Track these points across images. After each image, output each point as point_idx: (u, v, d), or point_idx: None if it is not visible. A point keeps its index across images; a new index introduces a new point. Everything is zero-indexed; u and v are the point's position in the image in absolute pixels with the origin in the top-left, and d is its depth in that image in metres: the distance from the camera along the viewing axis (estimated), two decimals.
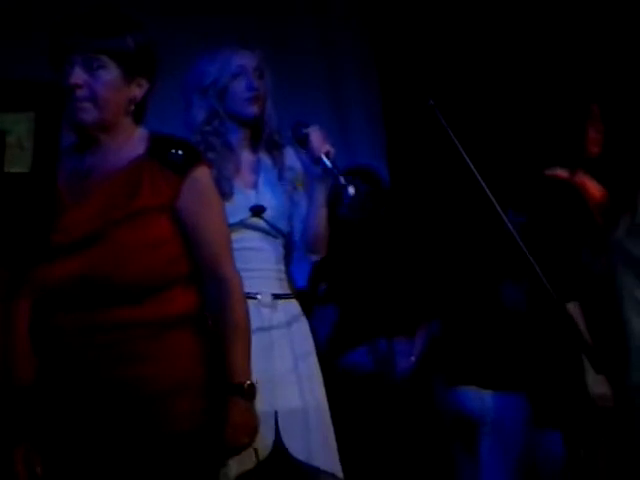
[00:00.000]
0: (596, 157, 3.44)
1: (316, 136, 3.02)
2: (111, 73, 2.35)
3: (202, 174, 2.40)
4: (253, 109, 3.04)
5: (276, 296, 2.99)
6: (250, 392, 2.36)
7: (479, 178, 2.70)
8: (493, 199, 2.69)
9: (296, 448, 2.89)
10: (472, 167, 2.71)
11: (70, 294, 2.31)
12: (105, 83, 2.35)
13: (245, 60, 3.05)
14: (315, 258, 3.15)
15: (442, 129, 2.75)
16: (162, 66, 2.48)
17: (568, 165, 3.49)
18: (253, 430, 2.38)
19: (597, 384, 3.42)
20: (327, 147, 3.00)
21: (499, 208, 2.68)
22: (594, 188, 3.40)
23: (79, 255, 2.31)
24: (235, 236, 2.83)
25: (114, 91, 2.36)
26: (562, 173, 3.29)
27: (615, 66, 4.05)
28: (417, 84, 4.47)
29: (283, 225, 3.05)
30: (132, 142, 2.41)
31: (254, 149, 3.09)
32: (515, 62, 4.67)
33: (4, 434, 2.34)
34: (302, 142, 3.04)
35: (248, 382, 2.36)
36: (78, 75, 2.33)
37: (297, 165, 3.13)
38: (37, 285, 2.34)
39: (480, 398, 3.92)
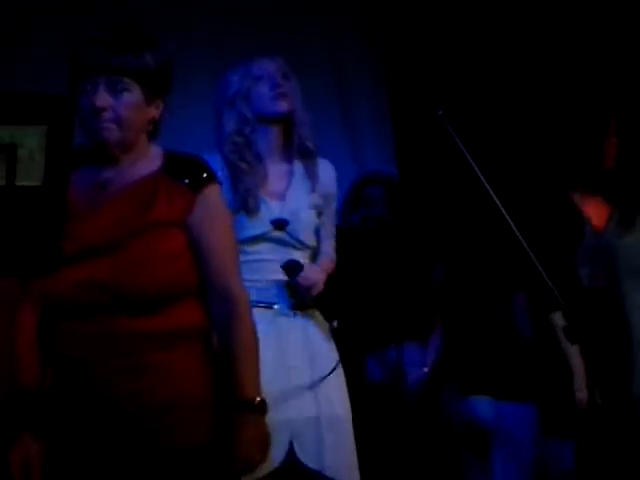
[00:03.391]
0: (610, 170, 3.45)
1: (303, 282, 2.99)
2: (134, 95, 2.41)
3: (214, 193, 2.45)
4: (281, 106, 3.04)
5: (294, 306, 2.99)
6: (261, 408, 2.37)
7: (488, 187, 2.71)
8: (502, 207, 2.70)
9: (309, 458, 2.89)
10: (481, 176, 2.72)
11: (80, 301, 2.33)
12: (128, 105, 2.40)
13: (266, 64, 3.08)
14: None
15: (451, 139, 2.75)
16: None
17: (583, 177, 3.50)
18: (265, 445, 2.38)
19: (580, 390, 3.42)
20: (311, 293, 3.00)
21: (507, 216, 2.69)
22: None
23: (91, 263, 2.33)
24: (255, 248, 2.87)
25: (136, 112, 2.42)
26: None
27: (633, 80, 4.06)
28: (426, 94, 4.48)
29: (307, 238, 3.04)
30: (148, 158, 2.46)
31: (286, 157, 3.09)
32: (525, 72, 4.68)
33: (5, 436, 2.35)
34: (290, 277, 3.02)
35: (258, 398, 2.36)
36: (103, 98, 2.37)
37: (330, 183, 3.12)
38: (46, 292, 2.36)
39: (493, 408, 3.91)
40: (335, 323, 2.99)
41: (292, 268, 2.98)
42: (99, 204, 2.40)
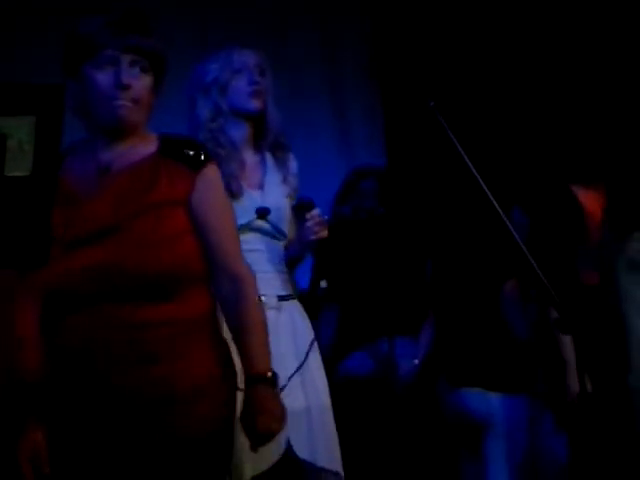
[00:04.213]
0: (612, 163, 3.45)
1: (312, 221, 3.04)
2: (150, 77, 2.42)
3: (214, 172, 2.46)
4: (255, 103, 3.06)
5: (280, 297, 3.01)
6: (273, 381, 2.39)
7: (479, 179, 2.70)
8: (493, 200, 2.69)
9: (301, 448, 2.90)
10: (472, 168, 2.72)
11: (79, 290, 2.31)
12: (147, 87, 2.42)
13: (246, 57, 3.09)
14: None
15: (443, 131, 2.75)
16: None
17: (584, 169, 3.50)
18: (282, 417, 2.39)
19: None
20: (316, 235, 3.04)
21: (499, 209, 2.68)
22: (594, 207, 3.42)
23: (95, 248, 2.32)
24: (240, 238, 2.87)
25: (150, 95, 2.44)
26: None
27: (635, 72, 4.06)
28: (418, 85, 4.47)
29: (285, 227, 3.07)
30: (145, 141, 2.46)
31: (258, 149, 3.11)
32: (519, 62, 4.66)
33: (9, 430, 2.34)
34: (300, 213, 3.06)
35: (270, 372, 2.38)
36: (128, 76, 2.37)
37: (296, 177, 3.16)
38: (45, 283, 2.34)
39: (485, 400, 3.91)
40: (324, 283, 3.00)
41: (307, 205, 3.01)
42: (99, 188, 2.39)
